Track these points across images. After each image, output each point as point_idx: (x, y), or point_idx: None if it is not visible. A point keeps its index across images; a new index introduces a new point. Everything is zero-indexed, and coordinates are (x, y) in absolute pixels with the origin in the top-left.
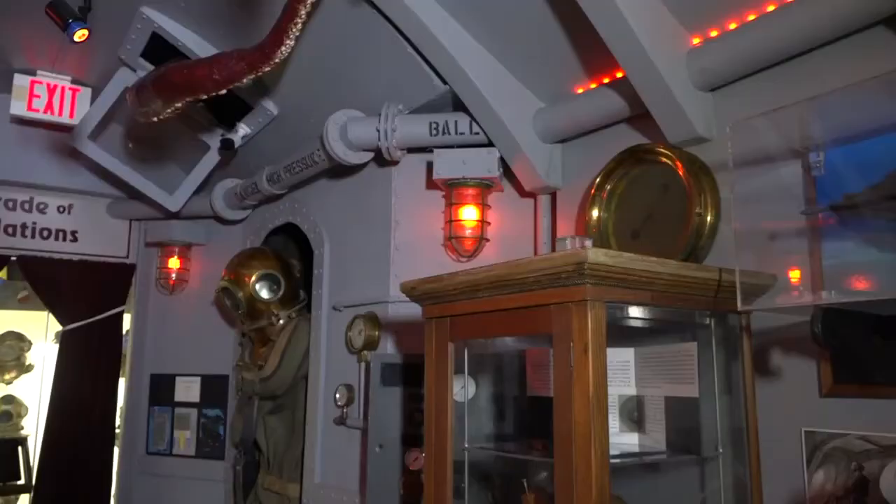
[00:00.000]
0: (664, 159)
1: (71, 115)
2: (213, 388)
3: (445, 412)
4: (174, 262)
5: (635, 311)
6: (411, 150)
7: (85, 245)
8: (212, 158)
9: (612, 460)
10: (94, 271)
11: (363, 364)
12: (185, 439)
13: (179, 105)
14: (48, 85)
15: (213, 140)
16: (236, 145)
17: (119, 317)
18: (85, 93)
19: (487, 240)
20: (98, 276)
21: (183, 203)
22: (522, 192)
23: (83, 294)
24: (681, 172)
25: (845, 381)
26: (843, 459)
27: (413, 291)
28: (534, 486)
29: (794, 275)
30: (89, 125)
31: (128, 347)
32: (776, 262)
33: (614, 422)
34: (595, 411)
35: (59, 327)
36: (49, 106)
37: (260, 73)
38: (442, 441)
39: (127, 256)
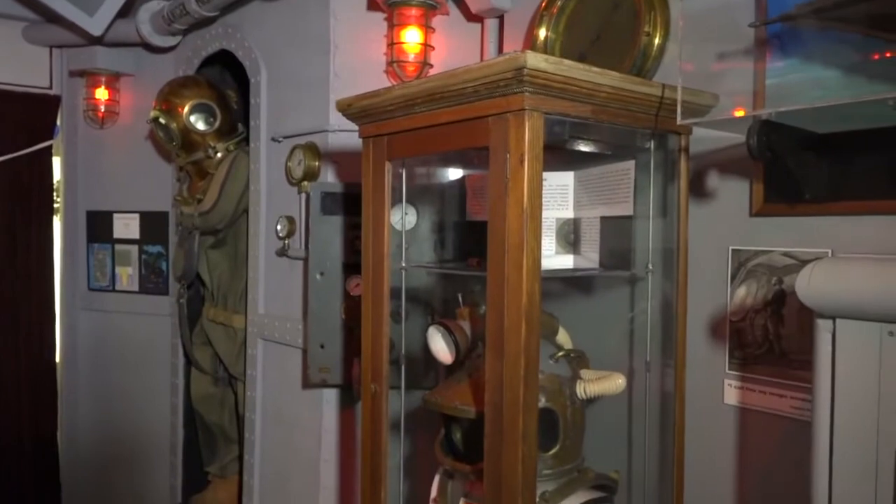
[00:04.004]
0: None
1: None
2: (153, 224)
3: (382, 230)
4: (102, 93)
5: (576, 130)
6: None
7: (1, 73)
8: None
9: (545, 275)
10: (14, 102)
11: (304, 195)
12: (127, 276)
13: None
14: None
15: None
16: None
17: (48, 152)
18: None
19: (431, 65)
20: (20, 107)
21: (106, 26)
22: (469, 16)
23: (5, 127)
24: None
25: (775, 201)
26: (765, 275)
27: (349, 109)
28: (469, 302)
29: (739, 113)
30: None
31: (60, 183)
32: (720, 82)
33: (551, 244)
34: (528, 220)
35: None
36: None
37: None
38: (379, 260)
39: (50, 87)
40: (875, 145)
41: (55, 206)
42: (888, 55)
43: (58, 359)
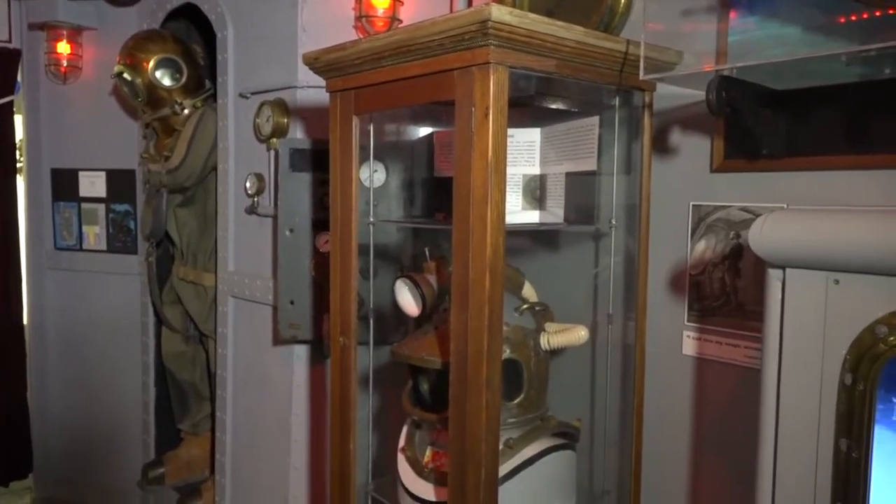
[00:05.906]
0: None
1: None
2: (120, 182)
3: (350, 185)
4: (64, 47)
5: (541, 85)
6: None
7: None
8: None
9: (509, 229)
10: None
11: (272, 151)
12: (94, 234)
13: None
14: None
15: None
16: None
17: (9, 108)
18: None
19: (400, 20)
20: None
21: None
22: None
23: None
24: None
25: (734, 157)
26: (724, 229)
27: (316, 62)
28: (436, 256)
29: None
30: None
31: (22, 140)
32: (684, 39)
33: (517, 200)
34: (493, 174)
35: None
36: None
37: None
38: (347, 216)
39: (10, 41)
40: (829, 102)
41: (18, 164)
42: (853, 18)
43: (25, 320)
